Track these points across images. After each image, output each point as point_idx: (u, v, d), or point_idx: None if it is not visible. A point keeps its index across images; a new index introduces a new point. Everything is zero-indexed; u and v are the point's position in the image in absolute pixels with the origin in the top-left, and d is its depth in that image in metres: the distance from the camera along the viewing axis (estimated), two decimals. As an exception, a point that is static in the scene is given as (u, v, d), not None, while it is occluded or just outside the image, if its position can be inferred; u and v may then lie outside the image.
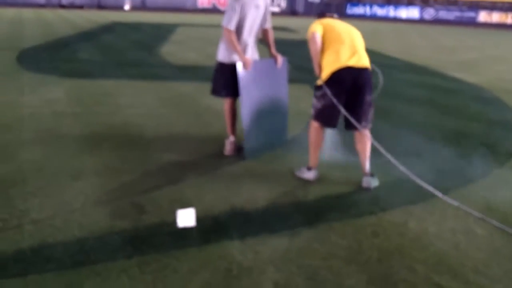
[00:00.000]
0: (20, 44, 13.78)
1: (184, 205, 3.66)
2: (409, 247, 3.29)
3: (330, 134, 5.08)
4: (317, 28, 4.19)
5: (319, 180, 4.37)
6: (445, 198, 3.79)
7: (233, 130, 5.09)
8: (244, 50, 4.82)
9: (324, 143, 4.56)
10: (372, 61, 4.27)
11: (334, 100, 4.04)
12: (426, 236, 3.44)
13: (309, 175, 4.38)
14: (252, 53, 4.93)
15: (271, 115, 5.09)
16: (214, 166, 4.65)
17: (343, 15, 41.94)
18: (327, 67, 4.09)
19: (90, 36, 17.57)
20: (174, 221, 3.46)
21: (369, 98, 4.16)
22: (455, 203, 3.33)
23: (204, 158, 4.86)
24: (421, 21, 42.82)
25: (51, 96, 7.23)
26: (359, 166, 4.35)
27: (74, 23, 24.21)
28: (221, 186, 4.21)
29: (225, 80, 4.84)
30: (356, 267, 3.02)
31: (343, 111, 4.07)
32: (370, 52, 4.46)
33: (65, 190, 4.01)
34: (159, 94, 7.76)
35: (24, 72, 9.40)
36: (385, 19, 44.13)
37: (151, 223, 3.50)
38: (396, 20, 43.55)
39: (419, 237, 3.41)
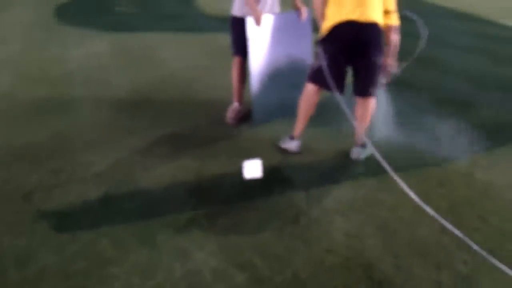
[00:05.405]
0: (57, -1, 13.75)
1: (243, 157, 3.62)
2: (478, 198, 3.22)
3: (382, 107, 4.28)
4: None
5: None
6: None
7: (239, 96, 4.53)
8: (261, 1, 4.16)
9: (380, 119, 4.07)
10: (414, 9, 3.94)
11: (323, 62, 3.47)
12: (494, 187, 3.35)
13: (291, 145, 3.85)
14: (272, 6, 4.24)
15: (291, 75, 4.43)
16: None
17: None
18: (328, 21, 3.48)
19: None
20: (235, 172, 3.46)
21: (375, 59, 3.46)
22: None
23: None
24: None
25: (96, 50, 7.22)
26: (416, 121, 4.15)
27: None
28: (278, 137, 4.15)
29: (236, 35, 4.25)
30: (426, 217, 2.95)
31: (327, 75, 3.45)
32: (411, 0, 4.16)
33: (122, 144, 4.01)
34: (202, 47, 7.65)
35: (65, 26, 9.38)
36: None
37: (213, 175, 3.50)
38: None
39: (487, 188, 3.32)
